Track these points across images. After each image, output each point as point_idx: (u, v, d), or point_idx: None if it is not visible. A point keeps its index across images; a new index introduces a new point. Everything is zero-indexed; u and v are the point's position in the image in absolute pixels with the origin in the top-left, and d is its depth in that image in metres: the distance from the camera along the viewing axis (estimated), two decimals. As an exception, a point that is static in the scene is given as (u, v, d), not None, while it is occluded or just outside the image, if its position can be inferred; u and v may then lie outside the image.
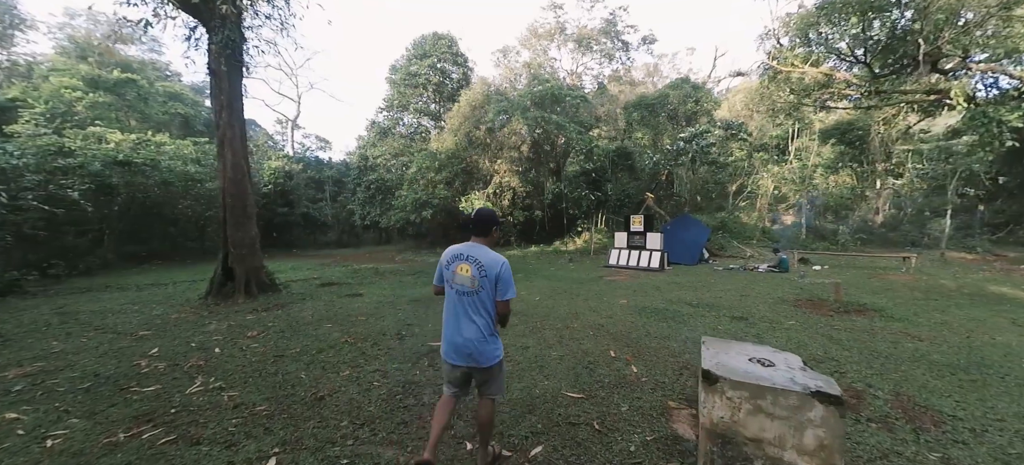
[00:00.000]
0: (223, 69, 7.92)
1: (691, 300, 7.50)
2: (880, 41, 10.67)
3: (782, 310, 6.79)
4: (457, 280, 2.22)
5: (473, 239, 2.31)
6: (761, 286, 9.18)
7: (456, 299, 2.23)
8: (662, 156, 17.04)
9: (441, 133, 20.96)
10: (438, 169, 17.83)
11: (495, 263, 2.20)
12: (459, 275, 2.22)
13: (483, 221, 2.31)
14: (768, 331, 5.44)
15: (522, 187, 18.36)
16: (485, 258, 2.21)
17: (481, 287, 2.18)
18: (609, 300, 7.49)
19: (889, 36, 10.37)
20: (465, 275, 2.20)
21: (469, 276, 2.19)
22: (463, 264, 2.22)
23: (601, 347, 4.64)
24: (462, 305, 2.21)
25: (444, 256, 2.33)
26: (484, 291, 2.19)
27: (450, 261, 2.28)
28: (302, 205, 27.97)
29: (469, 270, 2.19)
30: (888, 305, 7.16)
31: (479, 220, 2.30)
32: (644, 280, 10.28)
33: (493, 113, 16.81)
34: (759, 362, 2.43)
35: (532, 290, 8.61)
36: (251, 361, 4.37)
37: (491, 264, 2.19)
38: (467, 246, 2.29)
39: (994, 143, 11.68)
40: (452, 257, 2.28)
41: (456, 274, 2.23)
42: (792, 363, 2.47)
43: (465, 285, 2.20)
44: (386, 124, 23.20)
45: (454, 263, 2.25)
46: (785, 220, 25.15)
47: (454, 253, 2.28)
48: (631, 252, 13.43)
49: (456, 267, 2.23)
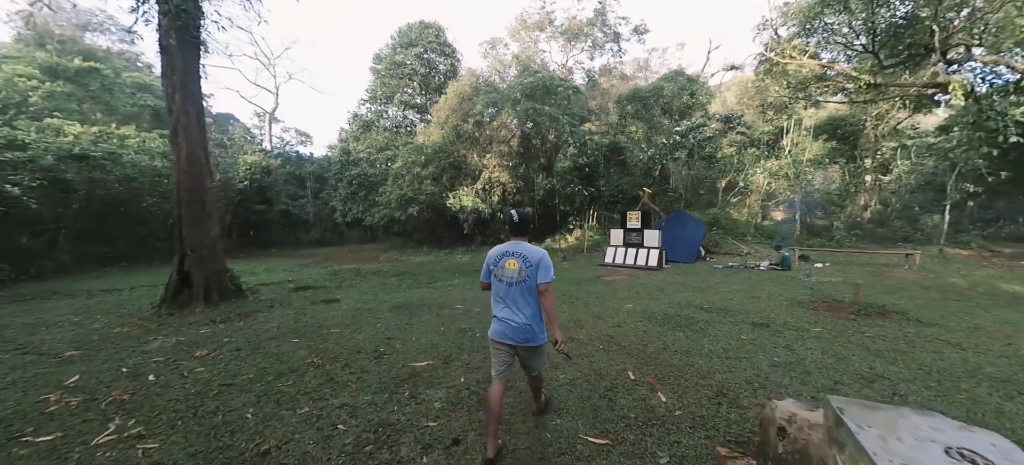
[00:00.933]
0: (175, 45, 6.95)
1: (701, 303, 6.88)
2: (890, 28, 10.23)
3: (801, 314, 6.22)
4: (506, 274, 2.55)
5: (514, 238, 2.66)
6: (769, 286, 8.64)
7: (506, 289, 2.55)
8: (657, 150, 16.48)
9: (428, 126, 20.05)
10: (424, 163, 16.95)
11: (536, 254, 2.55)
12: (508, 269, 2.55)
13: (524, 222, 2.66)
14: (797, 340, 4.83)
15: (512, 182, 17.61)
16: (528, 252, 2.56)
17: (528, 276, 2.51)
18: (613, 304, 6.82)
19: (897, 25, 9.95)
20: (513, 268, 2.54)
21: (516, 268, 2.53)
22: (510, 259, 2.56)
23: (616, 366, 3.94)
24: (512, 294, 2.53)
25: (491, 256, 2.66)
26: (530, 280, 2.51)
27: (498, 259, 2.62)
28: (281, 202, 26.69)
29: (516, 264, 2.54)
30: (910, 307, 6.67)
31: (521, 222, 2.64)
32: (644, 280, 9.66)
33: (482, 105, 16.00)
34: (963, 457, 1.34)
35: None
36: (189, 393, 3.54)
37: (533, 255, 2.55)
38: (511, 245, 2.62)
39: (998, 137, 11.40)
40: (499, 255, 2.62)
41: (505, 269, 2.56)
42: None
43: (513, 277, 2.53)
44: (369, 117, 22.12)
45: (502, 260, 2.59)
46: (775, 216, 25.00)
47: (500, 252, 2.63)
48: (628, 250, 12.83)
49: (504, 263, 2.57)
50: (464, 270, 12.01)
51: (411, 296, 7.81)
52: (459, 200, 16.00)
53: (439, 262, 14.62)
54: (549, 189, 17.53)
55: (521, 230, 2.65)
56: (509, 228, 2.68)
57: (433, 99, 21.28)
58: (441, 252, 17.67)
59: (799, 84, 17.21)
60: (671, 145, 14.81)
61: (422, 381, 3.62)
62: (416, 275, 11.10)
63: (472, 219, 16.92)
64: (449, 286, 9.03)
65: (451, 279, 10.14)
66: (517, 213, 2.65)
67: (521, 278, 2.51)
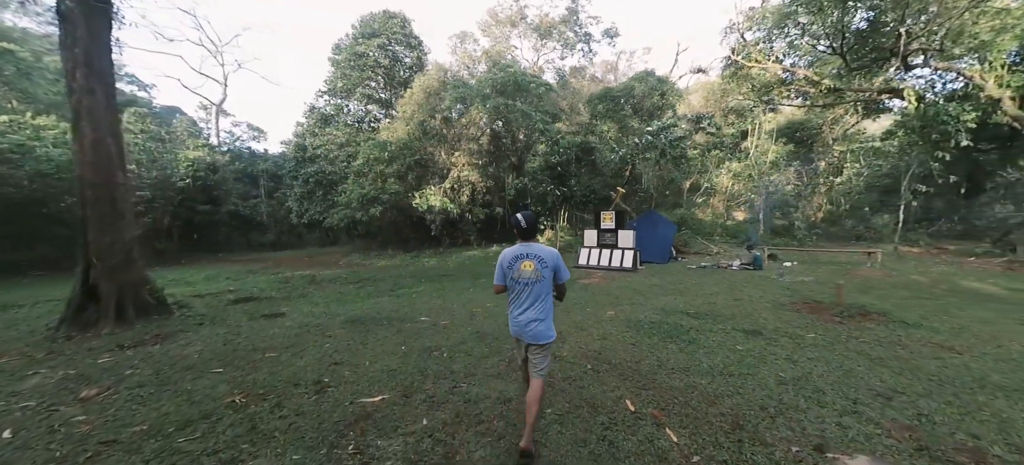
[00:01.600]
0: (76, 10, 5.75)
1: (685, 308, 6.48)
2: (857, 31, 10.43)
3: (788, 318, 5.93)
4: (522, 276, 2.64)
5: (523, 241, 2.72)
6: (747, 287, 8.44)
7: (524, 290, 2.66)
8: (628, 150, 16.29)
9: (392, 122, 18.95)
10: (388, 160, 15.90)
11: (551, 255, 2.67)
12: (523, 271, 2.65)
13: (531, 225, 2.72)
14: (795, 350, 4.45)
15: (482, 182, 16.90)
16: (543, 253, 2.66)
17: (543, 277, 2.63)
18: (593, 312, 6.28)
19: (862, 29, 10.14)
20: (529, 270, 2.64)
21: (532, 270, 2.63)
22: (526, 262, 2.65)
23: (610, 393, 3.35)
24: (530, 293, 2.65)
25: (504, 259, 2.71)
26: (545, 280, 2.65)
27: (512, 262, 2.68)
28: (230, 202, 24.58)
29: (532, 265, 2.64)
30: (889, 307, 6.57)
31: (529, 225, 2.70)
32: (621, 282, 9.26)
33: (450, 100, 15.18)
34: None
35: (500, 301, 7.23)
36: (51, 458, 2.61)
37: (548, 257, 2.66)
38: (522, 247, 2.70)
39: (951, 141, 11.92)
40: (513, 258, 2.69)
41: (521, 271, 2.65)
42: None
43: (530, 278, 2.63)
44: (328, 110, 20.63)
45: (516, 263, 2.67)
46: (737, 216, 25.73)
47: (514, 254, 2.70)
48: (602, 251, 12.45)
49: (519, 265, 2.66)
50: (431, 275, 11.18)
51: (369, 308, 6.94)
52: (426, 200, 15.09)
53: (404, 267, 13.67)
54: (520, 189, 16.96)
55: (529, 232, 2.72)
56: (518, 232, 2.73)
57: (398, 93, 20.18)
58: (407, 255, 16.67)
59: (762, 88, 17.59)
60: (643, 144, 14.62)
61: (373, 426, 2.87)
62: (377, 282, 10.17)
63: (440, 220, 16.05)
64: (413, 294, 8.20)
65: (416, 286, 9.30)
66: (523, 217, 2.70)
67: (537, 278, 2.62)
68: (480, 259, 14.43)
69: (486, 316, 6.11)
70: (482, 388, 3.44)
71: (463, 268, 12.42)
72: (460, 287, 8.92)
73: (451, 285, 9.24)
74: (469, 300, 7.37)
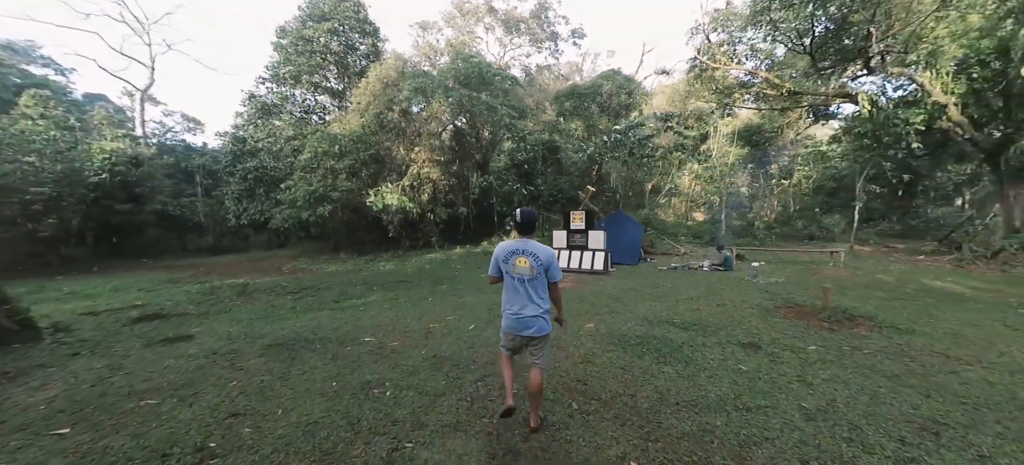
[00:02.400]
0: None
1: (669, 317, 5.85)
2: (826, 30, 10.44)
3: (780, 326, 5.44)
4: (517, 271, 2.69)
5: (522, 236, 2.78)
6: (725, 290, 8.02)
7: (519, 285, 2.70)
8: (596, 148, 15.82)
9: (345, 114, 17.41)
10: (339, 155, 14.45)
11: (546, 254, 2.70)
12: (519, 267, 2.69)
13: (530, 221, 2.80)
14: (804, 368, 3.87)
15: (444, 180, 15.83)
16: (538, 251, 2.70)
17: (538, 274, 2.68)
18: (571, 325, 5.50)
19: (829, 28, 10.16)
20: (524, 266, 2.67)
21: (528, 266, 2.67)
22: (521, 258, 2.69)
23: (609, 450, 2.53)
24: (525, 290, 2.68)
25: (500, 252, 2.78)
26: (540, 277, 2.70)
27: (508, 256, 2.74)
28: (157, 201, 21.85)
29: (527, 262, 2.67)
30: (873, 311, 6.28)
31: (526, 221, 2.78)
32: (594, 286, 8.59)
33: (409, 90, 13.99)
34: None
35: (462, 312, 6.28)
36: None
37: (543, 255, 2.69)
38: (519, 242, 2.75)
39: (902, 143, 12.29)
40: (509, 252, 2.74)
41: (516, 266, 2.70)
42: None
43: (525, 274, 2.67)
44: (272, 99, 18.67)
45: (512, 257, 2.72)
46: (697, 217, 26.22)
47: (510, 249, 2.74)
48: (572, 253, 11.80)
49: (515, 260, 2.70)
50: (386, 282, 10.01)
51: (303, 326, 5.77)
52: (381, 198, 13.81)
53: (356, 272, 12.36)
54: (485, 187, 16.05)
55: (528, 228, 2.77)
56: (516, 227, 2.80)
57: (353, 84, 18.62)
58: (362, 259, 15.27)
59: (724, 90, 17.79)
60: (612, 143, 14.18)
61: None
62: (322, 290, 8.89)
63: (398, 220, 14.81)
64: (361, 306, 7.07)
65: (366, 295, 8.14)
66: (521, 213, 2.78)
67: (533, 275, 2.66)
68: (441, 263, 13.36)
69: (445, 333, 5.16)
70: (434, 450, 2.51)
71: (423, 273, 11.33)
72: (417, 296, 7.88)
73: (407, 294, 8.17)
74: (426, 312, 6.37)
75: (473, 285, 9.02)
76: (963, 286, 8.35)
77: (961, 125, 13.08)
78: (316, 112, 19.66)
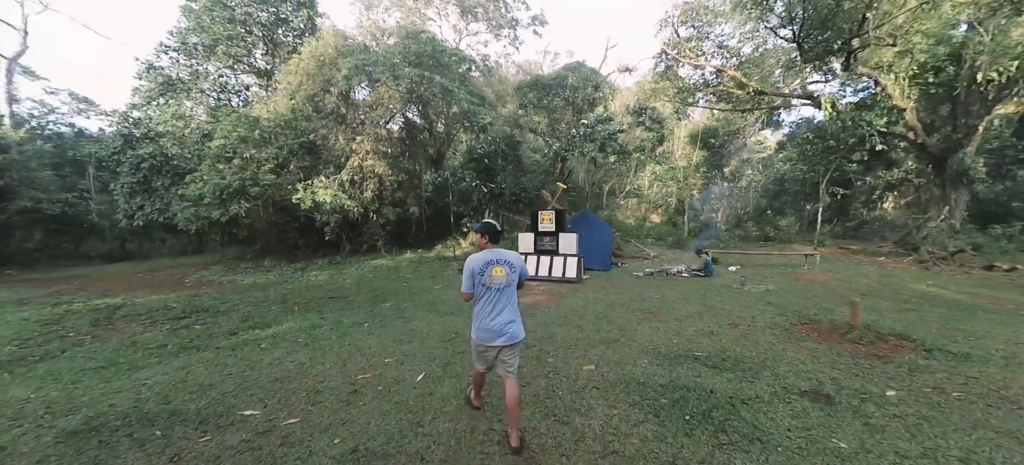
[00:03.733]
0: None
1: (685, 347, 4.52)
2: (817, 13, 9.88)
3: (820, 355, 4.30)
4: (494, 281, 2.68)
5: (491, 246, 2.78)
6: (722, 302, 6.94)
7: (497, 295, 2.68)
8: (562, 143, 14.56)
9: (272, 95, 14.78)
10: (262, 142, 11.97)
11: (518, 260, 2.79)
12: (496, 276, 2.68)
13: (496, 233, 2.81)
14: (910, 432, 2.62)
15: (392, 175, 13.78)
16: (511, 258, 2.75)
17: (512, 281, 2.73)
18: (562, 367, 3.97)
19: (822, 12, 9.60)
20: (501, 275, 2.68)
21: (504, 275, 2.69)
22: (497, 267, 2.69)
23: None
24: (502, 296, 2.69)
25: (474, 265, 2.69)
26: (514, 283, 2.75)
27: (483, 268, 2.68)
28: (26, 196, 17.59)
29: (503, 271, 2.69)
30: (898, 326, 5.39)
31: (493, 233, 2.79)
32: (572, 300, 7.18)
33: (348, 68, 11.84)
34: None
35: (409, 350, 4.54)
36: None
37: (515, 262, 2.77)
38: (491, 253, 2.74)
39: (866, 144, 12.17)
40: (484, 264, 2.69)
41: (493, 276, 2.67)
42: None
43: (502, 283, 2.68)
44: (179, 74, 15.42)
45: (488, 268, 2.68)
46: (654, 219, 26.05)
47: (485, 260, 2.70)
48: (541, 258, 10.36)
49: (491, 271, 2.68)
50: (313, 299, 7.93)
51: (157, 383, 3.73)
52: (312, 194, 11.53)
53: (278, 286, 10.06)
54: (440, 184, 14.22)
55: (496, 239, 2.80)
56: (490, 238, 2.80)
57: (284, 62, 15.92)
58: (291, 268, 12.83)
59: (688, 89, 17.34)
60: (581, 136, 12.96)
61: None
62: (220, 315, 6.68)
63: (336, 221, 12.56)
64: (265, 342, 5.05)
65: (279, 321, 6.08)
66: (484, 225, 2.82)
67: (508, 283, 2.70)
68: (388, 272, 11.36)
69: (380, 392, 3.42)
70: None
71: (363, 285, 9.33)
72: (350, 320, 5.96)
73: (337, 317, 6.24)
74: (357, 350, 4.55)
75: (426, 301, 7.25)
76: (952, 291, 7.92)
77: (915, 129, 13.32)
78: (236, 93, 16.67)
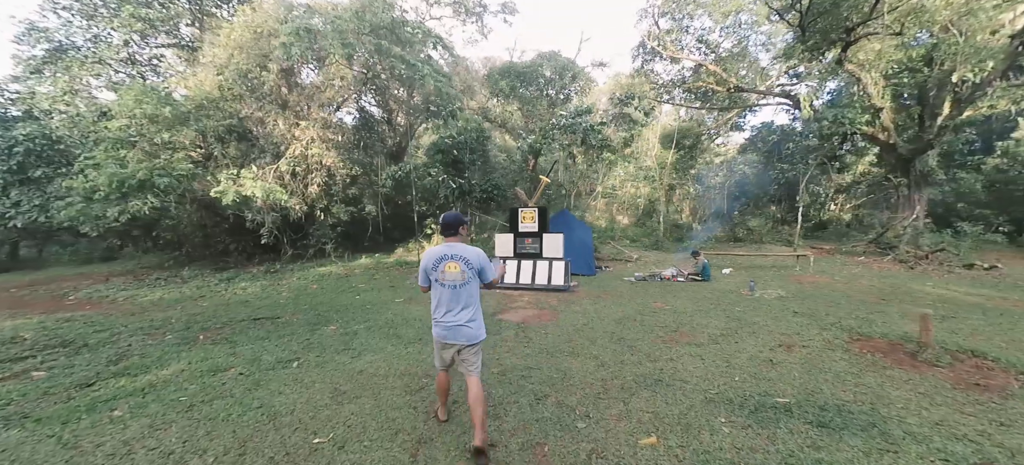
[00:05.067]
0: None
1: (755, 386, 3.30)
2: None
3: (915, 388, 3.21)
4: (447, 277, 2.54)
5: (449, 240, 2.64)
6: (746, 312, 5.89)
7: (450, 293, 2.55)
8: (538, 136, 13.29)
9: (196, 70, 12.32)
10: (176, 122, 9.68)
11: (476, 256, 2.58)
12: (449, 273, 2.54)
13: (452, 223, 2.64)
14: None
15: (344, 168, 11.85)
16: (468, 254, 2.56)
17: (469, 279, 2.56)
18: (609, 433, 2.58)
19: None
20: (455, 271, 2.53)
21: (458, 272, 2.53)
22: (451, 263, 2.53)
23: None
24: (458, 294, 2.54)
25: (427, 259, 2.60)
26: (472, 282, 2.58)
27: (436, 263, 2.56)
28: None
29: (458, 267, 2.53)
30: (960, 341, 4.53)
31: (447, 224, 2.64)
32: (571, 315, 5.85)
33: (288, 35, 9.83)
34: None
35: (354, 410, 2.97)
36: None
37: (474, 258, 2.56)
38: (446, 247, 2.59)
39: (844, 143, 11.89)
40: (437, 259, 2.57)
41: (445, 272, 2.54)
42: None
43: (456, 280, 2.53)
44: (73, 38, 12.41)
45: (441, 264, 2.55)
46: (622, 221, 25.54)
47: (438, 255, 2.57)
48: (522, 263, 8.98)
49: (443, 266, 2.54)
50: (230, 322, 6.00)
51: None
52: (238, 187, 9.41)
53: (193, 301, 7.92)
54: (401, 180, 12.45)
55: (450, 230, 2.64)
56: (442, 230, 2.66)
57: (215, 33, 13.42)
58: (217, 277, 10.54)
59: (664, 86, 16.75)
60: (561, 126, 11.73)
61: None
62: (83, 352, 4.67)
63: (273, 221, 10.46)
64: (108, 415, 3.23)
65: (163, 364, 4.19)
66: (445, 215, 2.67)
67: (463, 281, 2.53)
68: (338, 282, 9.48)
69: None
70: None
71: (303, 301, 7.47)
72: (272, 360, 4.21)
73: (255, 353, 4.47)
74: (271, 419, 2.91)
75: (383, 321, 5.61)
76: (961, 293, 7.39)
77: (888, 130, 13.31)
78: (153, 67, 13.90)
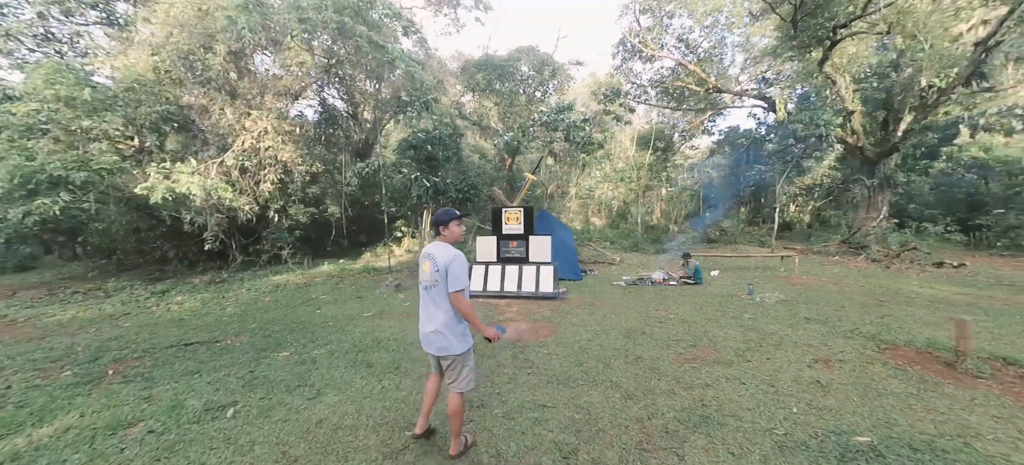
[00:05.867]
0: None
1: (819, 421, 2.73)
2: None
3: (993, 413, 2.74)
4: (421, 277, 2.45)
5: (438, 237, 2.50)
6: (757, 320, 5.43)
7: (424, 295, 2.45)
8: (515, 135, 12.59)
9: (126, 48, 10.69)
10: (99, 108, 8.19)
11: (444, 257, 2.34)
12: (422, 272, 2.44)
13: (434, 222, 2.51)
14: None
15: (304, 164, 10.63)
16: (439, 254, 2.37)
17: (438, 281, 2.35)
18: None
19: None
20: (426, 271, 2.41)
21: (429, 272, 2.38)
22: (425, 262, 2.42)
23: None
24: (428, 298, 2.43)
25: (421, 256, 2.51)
26: (441, 285, 2.35)
27: (421, 261, 2.47)
28: None
29: (428, 266, 2.39)
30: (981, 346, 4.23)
31: (432, 222, 2.62)
32: (571, 329, 5.16)
33: (234, 7, 8.56)
34: None
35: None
36: None
37: (442, 258, 2.34)
38: (431, 246, 2.48)
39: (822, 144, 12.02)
40: (422, 258, 2.48)
41: (421, 271, 2.46)
42: None
43: (426, 281, 2.42)
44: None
45: (421, 263, 2.47)
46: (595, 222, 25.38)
47: (423, 253, 2.48)
48: (506, 269, 8.21)
49: (422, 265, 2.45)
50: (154, 351, 4.83)
51: None
52: (170, 183, 8.06)
53: (112, 321, 6.56)
54: (368, 178, 11.36)
55: (435, 229, 2.53)
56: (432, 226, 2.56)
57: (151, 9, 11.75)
58: (151, 289, 9.03)
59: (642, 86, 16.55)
60: (542, 123, 11.09)
61: None
62: None
63: (218, 223, 9.11)
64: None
65: (44, 419, 3.04)
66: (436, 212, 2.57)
67: (433, 282, 2.38)
68: (295, 292, 8.30)
69: None
70: None
71: (251, 318, 6.32)
72: (198, 407, 3.19)
73: (176, 395, 3.43)
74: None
75: (350, 343, 4.67)
76: (948, 292, 7.35)
77: (858, 133, 13.64)
78: (73, 47, 11.99)
